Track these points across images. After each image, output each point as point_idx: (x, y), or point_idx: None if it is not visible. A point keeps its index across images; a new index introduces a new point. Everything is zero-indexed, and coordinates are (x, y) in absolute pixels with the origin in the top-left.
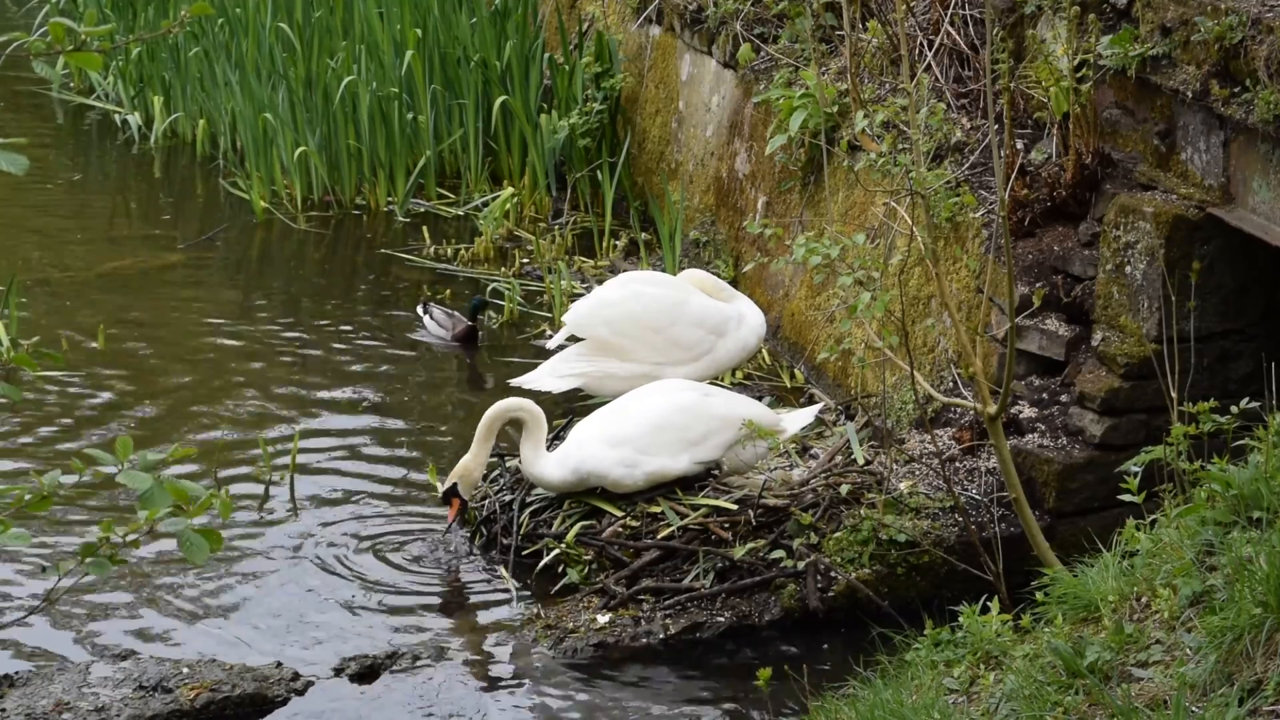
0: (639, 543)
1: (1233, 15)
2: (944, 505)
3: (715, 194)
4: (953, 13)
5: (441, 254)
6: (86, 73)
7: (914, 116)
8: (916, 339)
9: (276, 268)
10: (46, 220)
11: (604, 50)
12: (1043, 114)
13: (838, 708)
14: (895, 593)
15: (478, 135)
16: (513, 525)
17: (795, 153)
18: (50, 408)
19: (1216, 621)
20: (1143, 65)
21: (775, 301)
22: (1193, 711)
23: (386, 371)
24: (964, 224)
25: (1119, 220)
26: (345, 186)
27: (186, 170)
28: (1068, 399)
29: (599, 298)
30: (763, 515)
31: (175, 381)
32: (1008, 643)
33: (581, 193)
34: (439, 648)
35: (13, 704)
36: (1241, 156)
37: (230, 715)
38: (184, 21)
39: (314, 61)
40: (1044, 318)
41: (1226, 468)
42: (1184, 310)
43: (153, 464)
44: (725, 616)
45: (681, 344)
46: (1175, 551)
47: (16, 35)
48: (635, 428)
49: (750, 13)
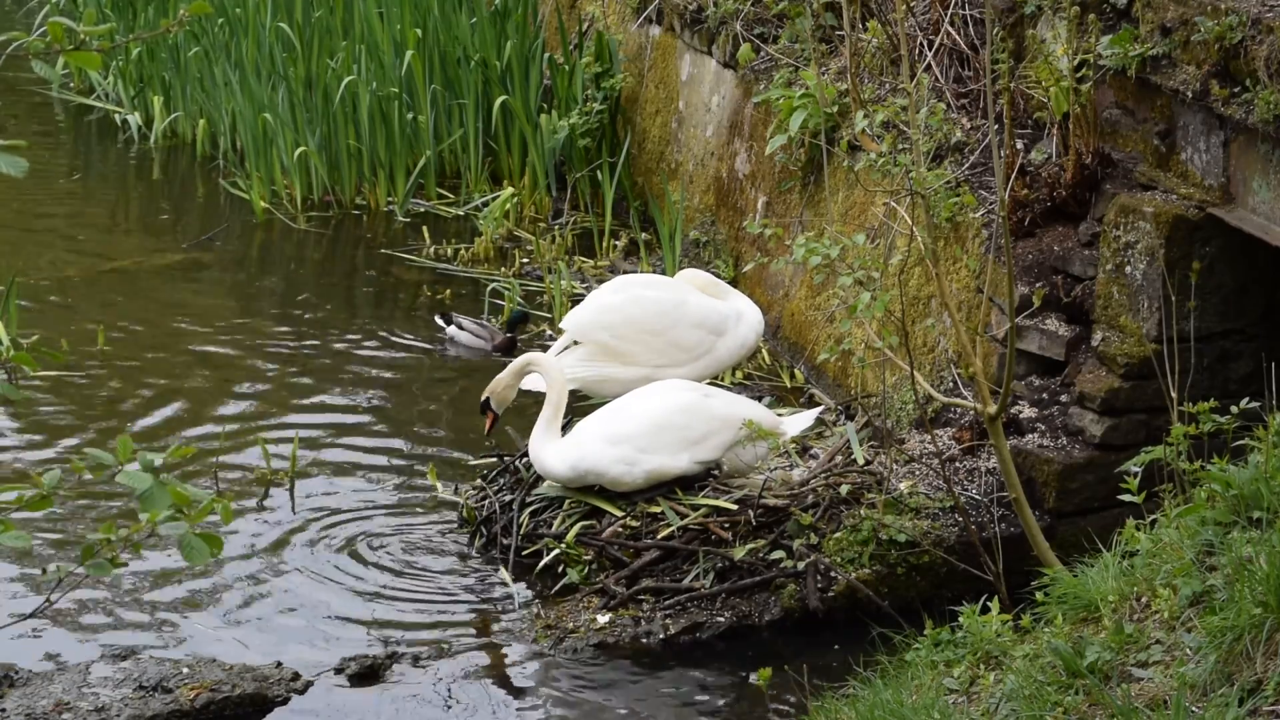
0: (639, 543)
1: (1233, 15)
2: (944, 505)
3: (715, 194)
4: (953, 13)
5: (441, 254)
6: (86, 72)
7: (914, 116)
8: (916, 339)
9: (276, 268)
10: (46, 220)
11: (604, 50)
12: (1043, 114)
13: (838, 708)
14: (895, 593)
15: (478, 135)
16: (513, 525)
17: (795, 153)
18: (50, 408)
19: (1216, 621)
20: (1143, 65)
21: (775, 301)
22: (1193, 711)
23: (386, 371)
24: (964, 224)
25: (1119, 220)
26: (345, 186)
27: (186, 170)
28: (1068, 399)
29: (597, 303)
30: (763, 515)
31: (175, 381)
32: (1008, 643)
33: (581, 193)
34: (439, 648)
35: (13, 704)
36: (1241, 156)
37: (230, 715)
38: (183, 21)
39: (314, 61)
40: (1044, 318)
41: (1226, 468)
42: (1184, 310)
43: (153, 464)
44: (725, 616)
45: (681, 346)
46: (1175, 551)
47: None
48: (635, 426)
49: (750, 13)
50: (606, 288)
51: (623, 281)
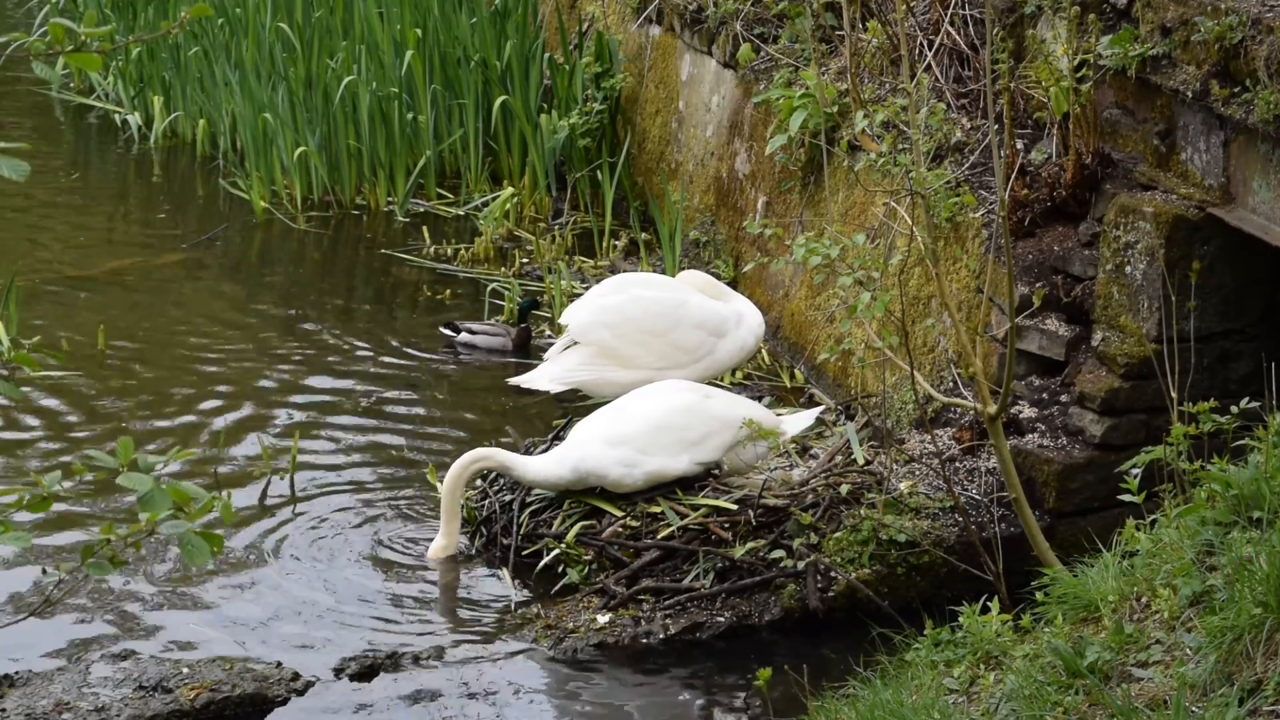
0: (639, 543)
1: (1233, 15)
2: (944, 505)
3: (715, 194)
4: (953, 13)
5: (441, 254)
6: (86, 73)
7: (914, 116)
8: (916, 339)
9: (276, 268)
10: (46, 220)
11: (604, 50)
12: (1043, 114)
13: (838, 708)
14: (895, 593)
15: (478, 135)
16: (513, 525)
17: (795, 153)
18: (50, 408)
19: (1216, 621)
20: (1143, 65)
21: (775, 301)
22: (1193, 711)
23: (386, 371)
24: (964, 224)
25: (1119, 220)
26: (345, 186)
27: (186, 170)
28: (1068, 399)
29: (598, 303)
30: (763, 515)
31: (175, 381)
32: (1008, 643)
33: (581, 193)
34: (439, 648)
35: (13, 704)
36: (1241, 156)
37: (230, 715)
38: (184, 22)
39: (314, 61)
40: (1044, 318)
41: (1226, 468)
42: (1184, 310)
43: (153, 465)
44: (725, 616)
45: (682, 347)
46: (1175, 551)
47: (16, 35)
48: (635, 428)
49: (750, 13)
50: (604, 286)
51: (620, 281)
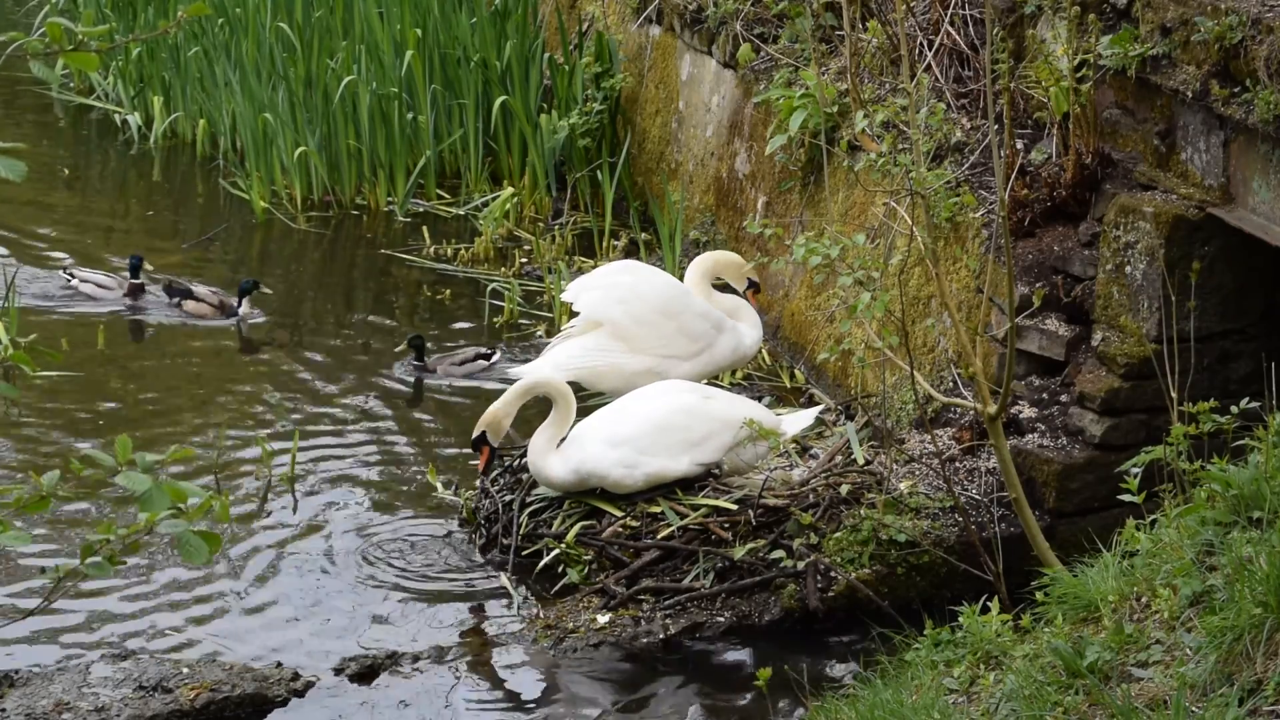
0: (639, 543)
1: (1233, 15)
2: (944, 505)
3: (715, 194)
4: (953, 13)
5: (441, 254)
6: (86, 73)
7: (914, 116)
8: (916, 339)
9: (276, 268)
10: (47, 220)
11: (604, 50)
12: (1043, 114)
13: (838, 708)
14: (895, 593)
15: (478, 135)
16: (513, 525)
17: (795, 153)
18: (50, 407)
19: (1216, 621)
20: (1143, 65)
21: (775, 301)
22: (1193, 711)
23: (386, 371)
24: (964, 224)
25: (1119, 220)
26: (345, 186)
27: (186, 170)
28: (1068, 399)
29: (610, 280)
30: (763, 515)
31: (175, 382)
32: (1008, 643)
33: (581, 193)
34: (439, 648)
35: (13, 704)
36: (1241, 156)
37: (230, 715)
38: (181, 22)
39: (314, 61)
40: (1044, 318)
41: (1226, 468)
42: (1184, 310)
43: (151, 465)
44: (725, 616)
45: (689, 333)
46: (1175, 551)
47: (16, 35)
48: (636, 428)
49: (750, 13)
50: (612, 267)
51: (621, 265)
